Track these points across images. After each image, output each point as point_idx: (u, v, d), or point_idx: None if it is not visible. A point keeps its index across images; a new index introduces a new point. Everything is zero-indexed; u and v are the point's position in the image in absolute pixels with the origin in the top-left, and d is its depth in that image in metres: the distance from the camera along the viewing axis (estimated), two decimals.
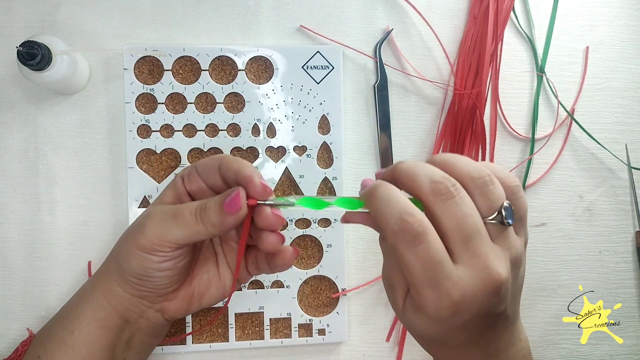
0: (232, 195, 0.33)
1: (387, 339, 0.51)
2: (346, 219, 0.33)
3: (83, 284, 0.40)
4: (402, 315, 0.31)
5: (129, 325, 0.38)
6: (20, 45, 0.38)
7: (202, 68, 0.47)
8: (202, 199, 0.36)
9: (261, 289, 0.48)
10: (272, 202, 0.34)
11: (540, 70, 0.53)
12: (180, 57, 0.47)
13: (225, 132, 0.47)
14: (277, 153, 0.48)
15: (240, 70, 0.47)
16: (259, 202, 0.34)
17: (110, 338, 0.37)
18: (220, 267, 0.39)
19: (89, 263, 0.47)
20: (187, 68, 0.47)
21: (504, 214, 0.29)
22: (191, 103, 0.47)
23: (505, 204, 0.29)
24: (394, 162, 0.50)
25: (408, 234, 0.27)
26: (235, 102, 0.48)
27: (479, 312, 0.28)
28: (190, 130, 0.47)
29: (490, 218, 0.29)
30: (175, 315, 0.39)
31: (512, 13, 0.52)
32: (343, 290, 0.49)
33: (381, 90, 0.50)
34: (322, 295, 0.49)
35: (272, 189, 0.47)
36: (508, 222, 0.29)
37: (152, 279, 0.35)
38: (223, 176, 0.35)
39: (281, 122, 0.48)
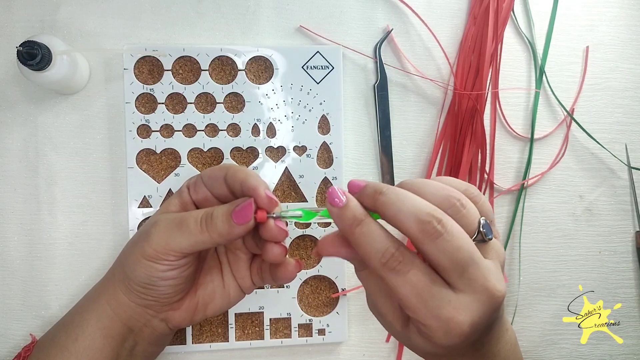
0: (244, 205, 0.33)
1: (387, 340, 0.51)
2: (318, 253, 0.31)
3: (88, 290, 0.40)
4: (403, 337, 0.31)
5: (133, 334, 0.38)
6: (20, 45, 0.38)
7: (202, 68, 0.47)
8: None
9: (261, 289, 0.48)
10: (280, 215, 0.34)
11: (540, 70, 0.53)
12: (180, 57, 0.47)
13: (225, 132, 0.47)
14: (277, 153, 0.48)
15: (240, 70, 0.47)
16: (268, 215, 0.33)
17: (113, 347, 0.37)
18: (225, 277, 0.40)
19: None
20: (187, 68, 0.47)
21: (483, 231, 0.29)
22: (191, 103, 0.47)
23: (482, 220, 0.29)
24: (394, 167, 0.50)
25: (394, 264, 0.27)
26: (235, 102, 0.48)
27: (485, 330, 0.29)
28: (190, 130, 0.47)
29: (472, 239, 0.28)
30: (180, 324, 0.39)
31: (512, 13, 0.52)
32: (343, 290, 0.49)
33: (381, 90, 0.50)
34: (322, 295, 0.49)
35: (272, 189, 0.48)
36: (489, 239, 0.29)
37: (157, 287, 0.35)
38: (229, 186, 0.35)
39: (281, 122, 0.48)
